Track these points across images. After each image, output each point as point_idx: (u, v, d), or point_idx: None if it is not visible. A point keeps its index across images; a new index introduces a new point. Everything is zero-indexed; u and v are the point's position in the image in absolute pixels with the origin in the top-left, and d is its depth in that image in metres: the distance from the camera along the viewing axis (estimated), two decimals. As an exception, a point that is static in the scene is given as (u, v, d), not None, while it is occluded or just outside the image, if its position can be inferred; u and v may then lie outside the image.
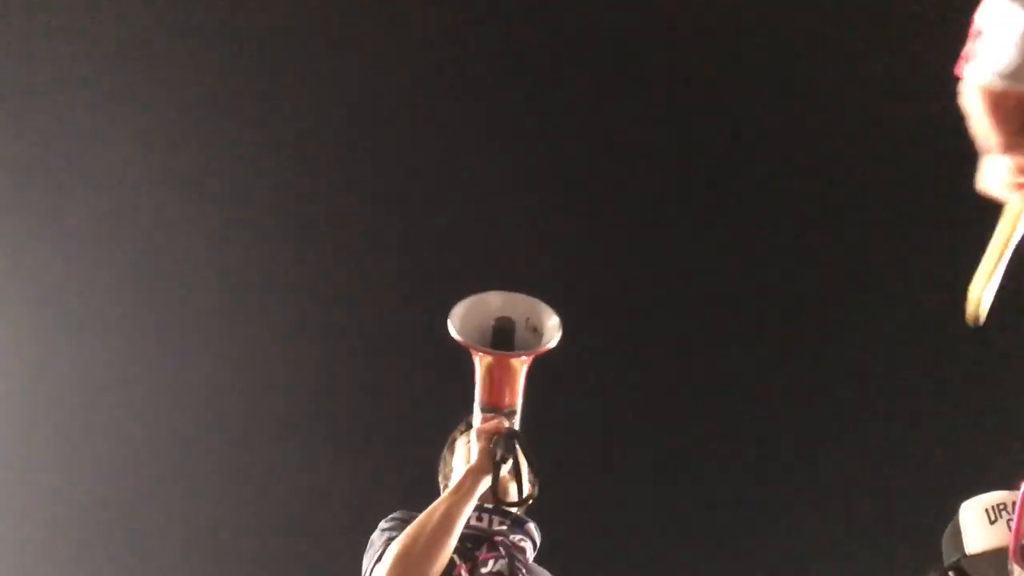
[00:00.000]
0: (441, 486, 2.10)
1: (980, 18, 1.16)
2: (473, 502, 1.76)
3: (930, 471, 4.35)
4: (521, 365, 1.82)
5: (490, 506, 1.91)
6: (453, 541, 1.72)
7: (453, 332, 1.83)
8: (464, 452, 2.04)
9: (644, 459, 4.82)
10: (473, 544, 1.83)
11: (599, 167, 4.78)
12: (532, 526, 1.94)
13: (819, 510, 4.67)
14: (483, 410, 1.87)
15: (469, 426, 2.11)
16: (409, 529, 1.72)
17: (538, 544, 1.95)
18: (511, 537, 1.87)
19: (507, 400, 1.86)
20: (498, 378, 1.84)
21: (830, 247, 4.75)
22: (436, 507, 1.75)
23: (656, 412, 4.82)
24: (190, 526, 4.73)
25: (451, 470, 2.08)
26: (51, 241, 4.53)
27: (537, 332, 1.85)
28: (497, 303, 1.89)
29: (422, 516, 1.75)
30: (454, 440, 2.15)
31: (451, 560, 1.79)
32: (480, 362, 1.84)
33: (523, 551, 1.87)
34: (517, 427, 1.88)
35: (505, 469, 1.81)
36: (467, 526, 1.86)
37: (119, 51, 4.35)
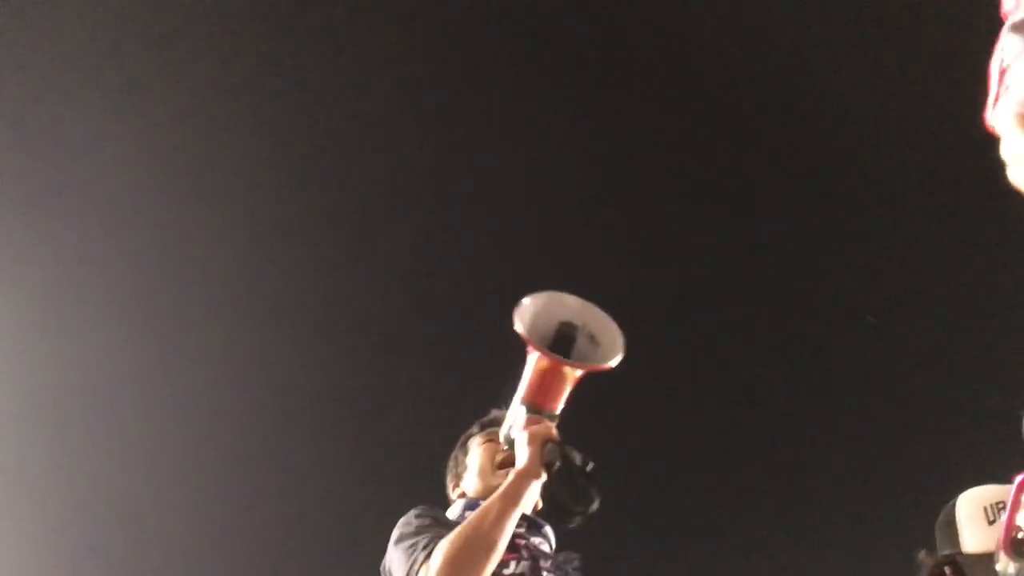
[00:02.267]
0: (450, 485, 2.10)
1: (1001, 56, 1.15)
2: (522, 507, 1.68)
3: (928, 465, 4.36)
4: (575, 376, 1.76)
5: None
6: (503, 546, 1.65)
7: (518, 325, 1.75)
8: (480, 454, 2.02)
9: (643, 460, 4.83)
10: None
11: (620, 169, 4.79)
12: (549, 529, 1.91)
13: (817, 507, 4.69)
14: (528, 410, 1.77)
15: (482, 427, 2.11)
16: (460, 533, 1.65)
17: (554, 547, 1.93)
18: (531, 540, 1.85)
19: (552, 404, 1.77)
20: (550, 382, 1.76)
21: (832, 247, 4.77)
22: (487, 511, 1.67)
23: (655, 412, 4.83)
24: (190, 525, 4.74)
25: (464, 469, 2.06)
26: (51, 242, 4.53)
27: (596, 344, 1.80)
28: (568, 306, 1.83)
29: (473, 519, 1.67)
30: (467, 440, 2.11)
31: None
32: (536, 362, 1.76)
33: (544, 555, 1.85)
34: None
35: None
36: None
37: (119, 52, 4.34)
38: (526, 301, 1.80)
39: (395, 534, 1.80)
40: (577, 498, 1.67)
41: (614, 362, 1.78)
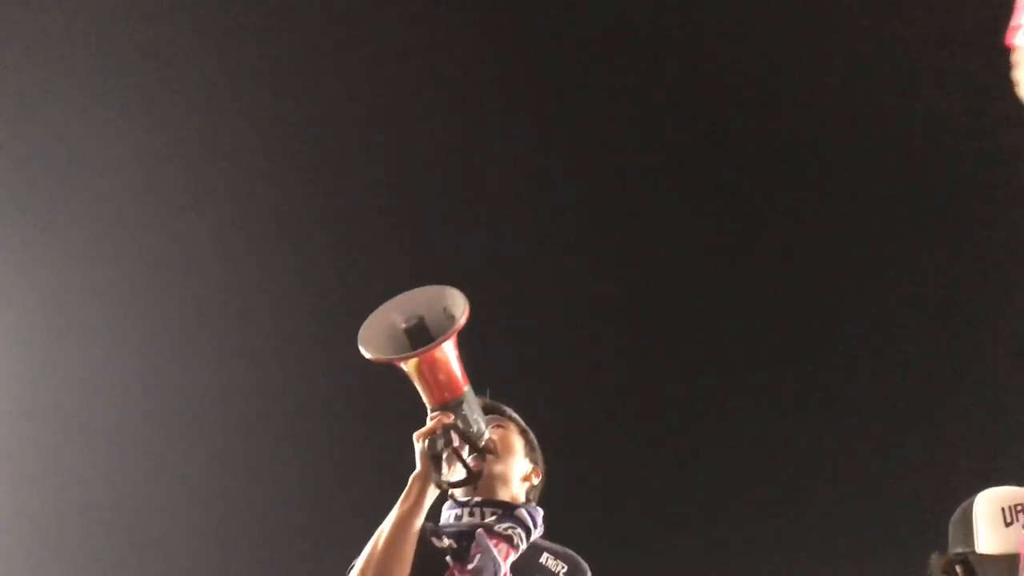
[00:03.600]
0: None
1: None
2: (424, 507, 1.73)
3: (933, 468, 4.34)
4: (444, 353, 1.75)
5: (479, 499, 1.91)
6: (408, 551, 1.70)
7: (368, 355, 1.75)
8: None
9: (646, 456, 4.82)
10: (468, 542, 1.82)
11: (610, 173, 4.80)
12: (525, 511, 1.90)
13: (822, 507, 4.67)
14: (432, 410, 1.79)
15: None
16: (365, 550, 1.72)
17: (537, 526, 1.92)
18: (499, 527, 1.85)
19: (447, 394, 1.78)
20: (430, 376, 1.76)
21: (837, 245, 4.76)
22: (386, 521, 1.73)
23: (659, 411, 4.82)
24: (191, 526, 4.73)
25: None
26: (52, 245, 4.53)
27: (448, 314, 1.78)
28: (398, 309, 1.82)
29: (375, 534, 1.73)
30: None
31: (444, 563, 1.80)
32: (407, 370, 1.76)
33: (509, 539, 1.85)
34: (474, 407, 1.82)
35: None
36: (458, 524, 1.88)
37: (120, 54, 4.35)
38: (361, 332, 1.79)
39: None
40: (467, 472, 1.74)
41: (463, 316, 1.75)
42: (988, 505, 1.69)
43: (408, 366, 1.74)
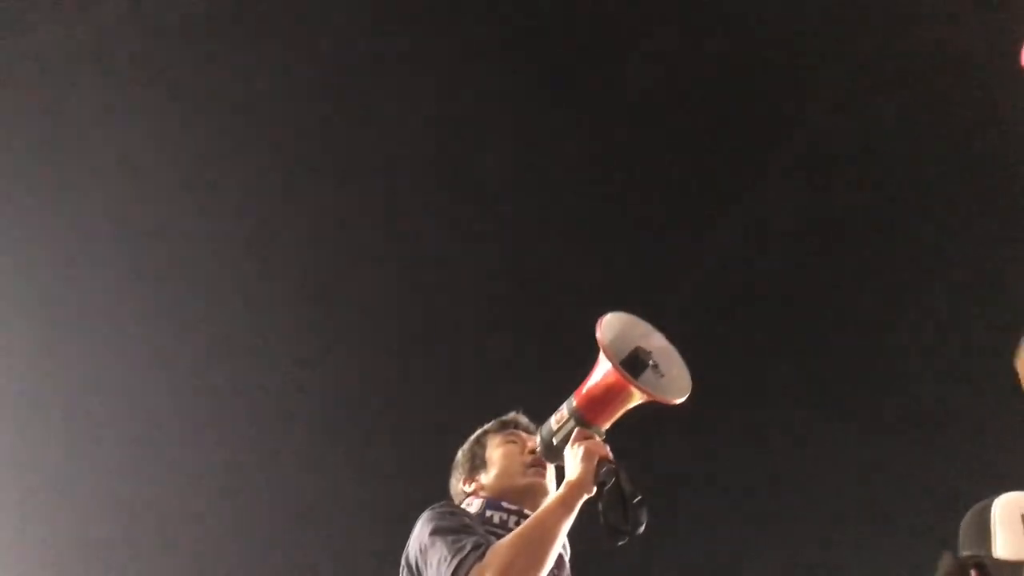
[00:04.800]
0: (460, 479, 2.08)
1: None
2: (572, 518, 1.73)
3: (949, 472, 4.32)
4: (637, 400, 1.77)
5: (529, 512, 1.89)
6: (556, 556, 1.70)
7: (601, 334, 1.77)
8: (502, 453, 2.03)
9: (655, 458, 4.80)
10: None
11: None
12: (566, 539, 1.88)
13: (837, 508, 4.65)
14: (578, 421, 1.81)
15: (503, 425, 2.11)
16: (516, 541, 1.67)
17: (568, 555, 1.94)
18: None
19: (604, 422, 1.81)
20: (613, 399, 1.78)
21: (848, 245, 4.74)
22: (543, 521, 1.71)
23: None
24: (193, 527, 4.73)
25: (482, 465, 2.05)
26: (55, 242, 4.53)
27: (660, 375, 1.82)
28: (644, 333, 1.84)
29: (529, 528, 1.71)
30: (484, 436, 2.12)
31: None
32: (604, 376, 1.77)
33: (563, 565, 1.89)
34: None
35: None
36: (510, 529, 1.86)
37: (123, 51, 4.36)
38: (611, 315, 1.82)
39: (428, 526, 1.80)
40: (626, 520, 1.69)
41: (680, 399, 1.79)
42: (1007, 510, 1.68)
43: (610, 375, 1.75)
